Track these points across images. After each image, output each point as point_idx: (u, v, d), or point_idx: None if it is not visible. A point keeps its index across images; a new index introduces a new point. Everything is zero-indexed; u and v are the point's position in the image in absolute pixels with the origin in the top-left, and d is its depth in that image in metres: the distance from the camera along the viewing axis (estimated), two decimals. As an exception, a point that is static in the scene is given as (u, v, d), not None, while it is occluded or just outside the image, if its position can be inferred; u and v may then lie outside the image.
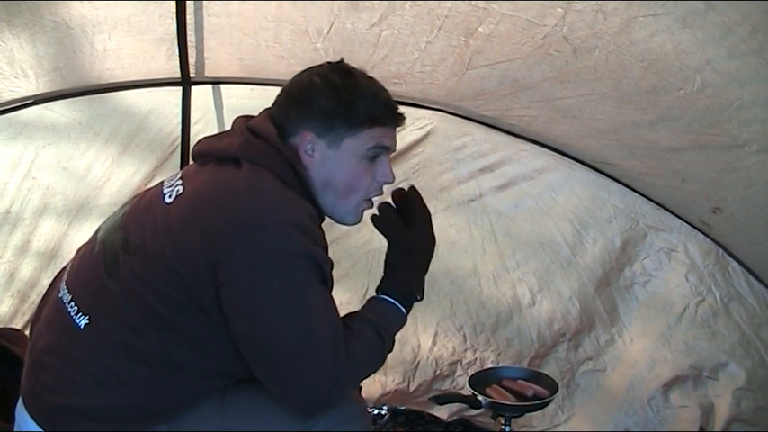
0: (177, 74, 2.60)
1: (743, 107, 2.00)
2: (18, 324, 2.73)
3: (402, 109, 1.67)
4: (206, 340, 1.50)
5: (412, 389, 2.98)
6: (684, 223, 2.66)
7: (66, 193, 2.72)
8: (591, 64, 2.13)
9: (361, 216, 1.67)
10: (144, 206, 1.58)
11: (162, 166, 2.80)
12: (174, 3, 2.26)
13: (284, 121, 1.59)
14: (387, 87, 1.68)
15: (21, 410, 1.59)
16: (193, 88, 2.71)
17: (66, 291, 1.59)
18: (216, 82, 2.73)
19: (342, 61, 1.64)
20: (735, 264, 2.62)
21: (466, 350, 2.98)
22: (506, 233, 2.91)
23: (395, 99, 1.67)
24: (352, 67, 1.63)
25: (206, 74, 2.65)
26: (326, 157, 1.58)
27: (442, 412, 2.92)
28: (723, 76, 1.97)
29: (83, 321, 1.51)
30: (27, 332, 2.75)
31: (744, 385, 2.61)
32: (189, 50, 2.48)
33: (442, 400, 2.50)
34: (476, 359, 2.96)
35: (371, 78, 1.64)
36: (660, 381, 2.72)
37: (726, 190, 2.37)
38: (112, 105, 2.65)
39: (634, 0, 1.88)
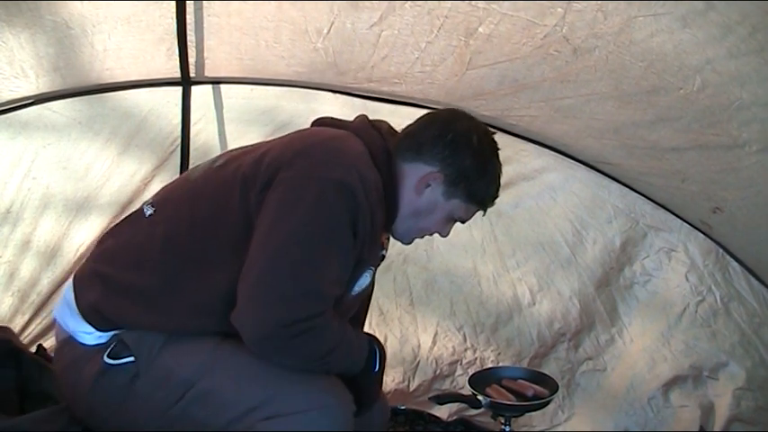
0: (177, 74, 2.59)
1: (743, 107, 2.00)
2: (18, 324, 2.73)
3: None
4: (227, 260, 1.56)
5: (412, 389, 2.98)
6: (684, 223, 2.66)
7: (66, 193, 2.71)
8: (591, 64, 2.13)
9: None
10: (242, 148, 1.78)
11: (162, 166, 2.80)
12: (173, 3, 2.26)
13: (425, 146, 1.72)
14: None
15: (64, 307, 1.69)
16: (193, 88, 2.71)
17: (150, 203, 1.74)
18: (216, 82, 2.73)
19: (494, 134, 1.79)
20: (735, 264, 2.62)
21: (466, 350, 2.98)
22: (506, 233, 2.92)
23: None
24: (497, 145, 1.79)
25: (206, 74, 2.65)
26: (433, 200, 1.74)
27: (442, 412, 2.92)
28: (723, 76, 1.97)
29: (149, 211, 1.69)
30: (29, 333, 2.76)
31: (744, 385, 2.61)
32: (189, 50, 2.48)
33: (442, 400, 2.50)
34: (476, 359, 2.96)
35: (500, 162, 1.79)
36: (660, 381, 2.72)
37: (726, 190, 2.37)
38: (112, 105, 2.65)
39: (634, 0, 1.88)
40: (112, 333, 1.60)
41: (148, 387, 1.57)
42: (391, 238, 1.86)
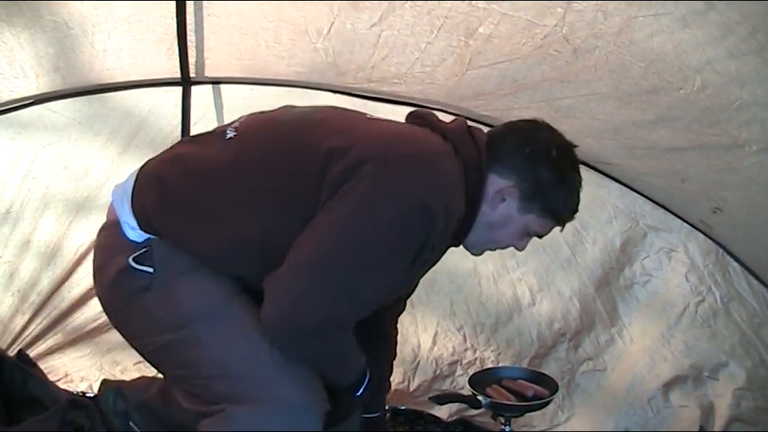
0: (177, 74, 2.59)
1: (743, 107, 2.01)
2: (18, 324, 2.73)
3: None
4: (284, 214, 1.55)
5: (412, 389, 2.98)
6: (684, 223, 2.66)
7: (66, 193, 2.72)
8: (591, 64, 2.13)
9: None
10: (336, 111, 1.77)
11: (162, 166, 2.80)
12: (173, 3, 2.26)
13: (505, 158, 1.68)
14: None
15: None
16: (193, 88, 2.70)
17: (234, 127, 1.73)
18: (216, 82, 2.73)
19: (575, 147, 1.76)
20: (735, 264, 2.62)
21: (466, 350, 2.98)
22: (506, 233, 2.91)
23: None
24: (578, 159, 1.76)
25: (206, 74, 2.64)
26: (508, 215, 1.70)
27: (442, 412, 2.92)
28: (723, 76, 1.97)
29: (231, 134, 1.69)
30: (29, 333, 2.76)
31: (744, 385, 2.61)
32: (189, 50, 2.48)
33: (442, 400, 2.50)
34: (476, 359, 2.96)
35: (581, 176, 1.76)
36: (660, 381, 2.72)
37: (726, 190, 2.37)
38: (112, 105, 2.65)
39: (634, 0, 1.88)
40: (149, 237, 1.61)
41: (153, 304, 1.58)
42: None
